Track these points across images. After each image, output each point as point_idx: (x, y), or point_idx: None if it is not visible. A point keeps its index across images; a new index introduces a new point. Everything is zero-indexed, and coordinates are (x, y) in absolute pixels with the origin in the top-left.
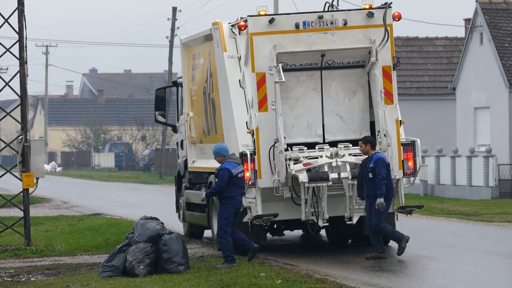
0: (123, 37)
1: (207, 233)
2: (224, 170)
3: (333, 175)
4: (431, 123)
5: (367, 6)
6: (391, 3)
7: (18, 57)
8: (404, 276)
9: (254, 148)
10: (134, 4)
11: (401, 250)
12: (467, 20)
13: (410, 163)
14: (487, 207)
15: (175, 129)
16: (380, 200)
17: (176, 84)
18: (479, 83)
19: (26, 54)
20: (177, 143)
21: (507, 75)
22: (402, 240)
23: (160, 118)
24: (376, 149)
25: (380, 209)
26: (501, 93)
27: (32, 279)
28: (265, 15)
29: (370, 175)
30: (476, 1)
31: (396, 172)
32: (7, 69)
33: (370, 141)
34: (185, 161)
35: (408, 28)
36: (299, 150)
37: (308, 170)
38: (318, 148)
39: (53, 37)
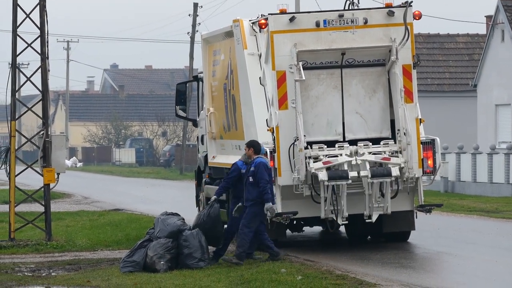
0: (144, 32)
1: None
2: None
3: (353, 174)
4: (452, 120)
5: (387, 5)
6: (411, 1)
7: (39, 52)
8: (425, 272)
9: (274, 146)
10: (155, 0)
11: (249, 256)
12: (488, 17)
13: (430, 162)
14: (508, 204)
15: (195, 124)
16: (269, 205)
17: (197, 79)
18: (500, 80)
19: (48, 50)
20: (197, 137)
21: None
22: (250, 255)
23: (181, 113)
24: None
25: (271, 214)
26: None
27: (52, 274)
28: (286, 13)
29: (251, 179)
30: None
31: (415, 171)
32: (28, 64)
33: (253, 145)
34: (205, 156)
35: (429, 24)
36: (319, 148)
37: (328, 168)
38: (338, 147)
39: (75, 32)
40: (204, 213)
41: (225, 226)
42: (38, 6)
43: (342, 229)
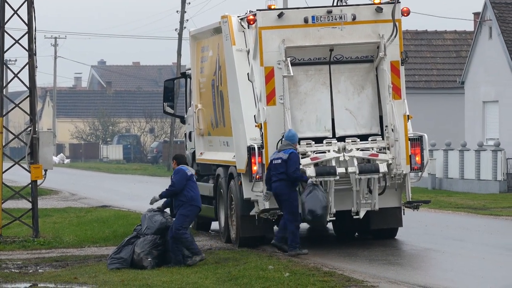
0: (132, 29)
1: (215, 225)
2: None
3: (341, 170)
4: (439, 117)
5: (376, 1)
6: None
7: (27, 48)
8: (412, 269)
9: (262, 142)
10: None
11: (192, 262)
12: (476, 14)
13: (418, 158)
14: (495, 201)
15: (183, 121)
16: (156, 197)
17: (185, 76)
18: (487, 77)
19: (35, 46)
20: (185, 134)
21: None
22: (197, 254)
23: (169, 110)
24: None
25: (151, 202)
26: (510, 87)
27: (39, 270)
28: (274, 9)
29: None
30: None
31: (403, 167)
32: (15, 60)
33: (176, 158)
34: (193, 153)
35: (417, 21)
36: (306, 144)
37: (316, 165)
38: (326, 143)
39: (62, 29)
40: None
41: None
42: (26, 2)
43: (330, 225)
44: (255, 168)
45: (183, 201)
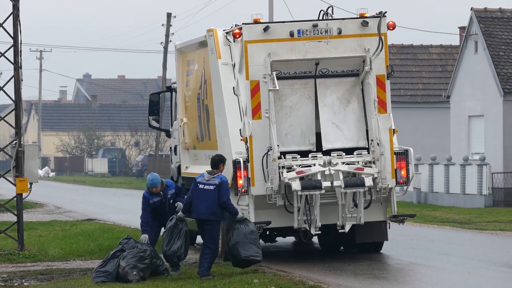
0: (117, 42)
1: (200, 239)
2: None
3: (326, 184)
4: (425, 131)
5: (361, 15)
6: (385, 12)
7: (12, 62)
8: (398, 283)
9: (248, 156)
10: (128, 10)
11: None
12: (462, 28)
13: (403, 172)
14: (481, 215)
15: (168, 134)
16: None
17: (170, 89)
18: (473, 91)
19: (21, 59)
20: (170, 148)
21: (502, 83)
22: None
23: (154, 123)
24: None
25: None
26: (496, 102)
27: (25, 284)
28: (260, 23)
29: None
30: (471, 9)
31: (389, 181)
32: (1, 73)
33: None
34: (179, 167)
35: (402, 35)
36: (292, 158)
37: (301, 178)
38: (311, 157)
39: (47, 42)
40: None
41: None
42: (12, 15)
43: (315, 239)
44: (240, 182)
45: None
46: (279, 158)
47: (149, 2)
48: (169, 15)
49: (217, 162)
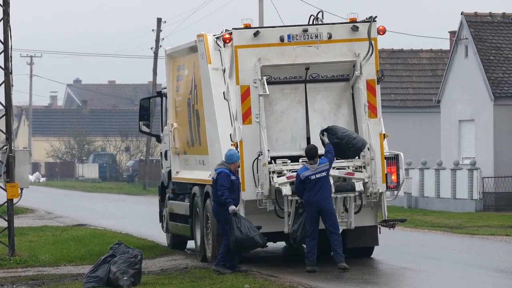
0: (108, 47)
1: (191, 244)
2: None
3: None
4: (415, 136)
5: (352, 20)
6: (375, 17)
7: (3, 67)
8: None
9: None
10: (119, 15)
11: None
12: (452, 33)
13: (394, 177)
14: (471, 220)
15: (159, 139)
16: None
17: (161, 94)
18: (463, 96)
19: (11, 65)
20: (161, 153)
21: (492, 88)
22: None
23: (144, 128)
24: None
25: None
26: (486, 106)
27: None
28: (250, 28)
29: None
30: (461, 14)
31: (379, 186)
32: None
33: None
34: (169, 172)
35: (393, 40)
36: (282, 163)
37: (292, 183)
38: (302, 161)
39: (38, 47)
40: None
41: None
42: (2, 21)
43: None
44: None
45: None
46: (270, 163)
47: (139, 8)
48: (159, 20)
49: (316, 151)
